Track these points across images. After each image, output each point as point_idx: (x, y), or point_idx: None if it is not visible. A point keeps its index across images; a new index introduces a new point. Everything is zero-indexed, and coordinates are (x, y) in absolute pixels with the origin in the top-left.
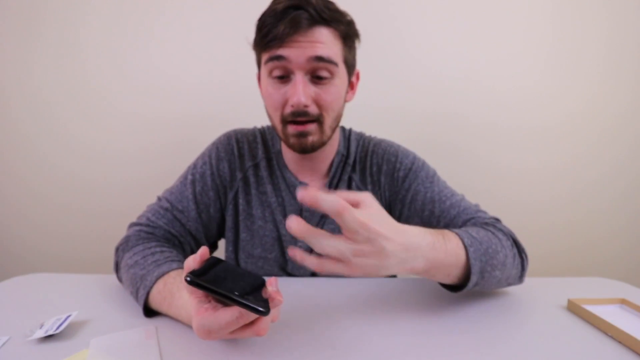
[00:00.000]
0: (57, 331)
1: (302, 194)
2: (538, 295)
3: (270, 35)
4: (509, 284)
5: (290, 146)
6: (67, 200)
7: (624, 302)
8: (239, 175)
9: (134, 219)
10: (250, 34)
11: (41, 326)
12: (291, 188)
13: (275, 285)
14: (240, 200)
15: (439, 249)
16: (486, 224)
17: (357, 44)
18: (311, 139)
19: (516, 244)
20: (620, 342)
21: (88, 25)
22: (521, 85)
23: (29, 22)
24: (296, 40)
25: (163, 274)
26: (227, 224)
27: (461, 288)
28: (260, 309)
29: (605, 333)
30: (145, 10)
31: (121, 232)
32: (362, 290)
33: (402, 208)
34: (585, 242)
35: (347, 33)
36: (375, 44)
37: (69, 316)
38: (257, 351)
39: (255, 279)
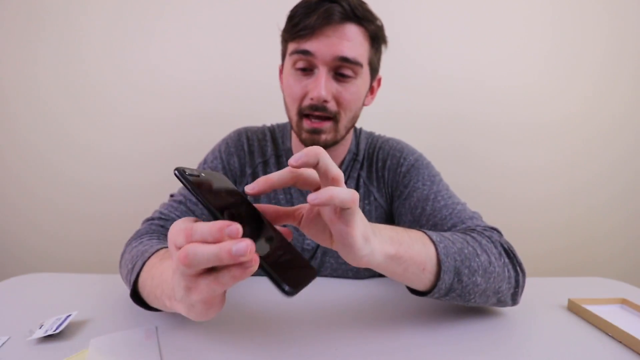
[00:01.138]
0: (57, 331)
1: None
2: (538, 295)
3: (301, 24)
4: (500, 301)
5: (303, 141)
6: (67, 202)
7: (624, 302)
8: (248, 170)
9: (134, 222)
10: (251, 32)
11: (41, 326)
12: None
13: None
14: (248, 197)
15: (399, 231)
16: (471, 230)
17: (383, 49)
18: (324, 137)
19: (508, 255)
20: (620, 342)
21: (88, 25)
22: (521, 84)
23: (29, 22)
24: (326, 34)
25: (164, 247)
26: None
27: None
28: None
29: (606, 333)
30: (146, 10)
31: (121, 235)
32: (364, 291)
33: (399, 205)
34: (585, 241)
35: (376, 34)
36: None
37: (69, 316)
38: (257, 351)
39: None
